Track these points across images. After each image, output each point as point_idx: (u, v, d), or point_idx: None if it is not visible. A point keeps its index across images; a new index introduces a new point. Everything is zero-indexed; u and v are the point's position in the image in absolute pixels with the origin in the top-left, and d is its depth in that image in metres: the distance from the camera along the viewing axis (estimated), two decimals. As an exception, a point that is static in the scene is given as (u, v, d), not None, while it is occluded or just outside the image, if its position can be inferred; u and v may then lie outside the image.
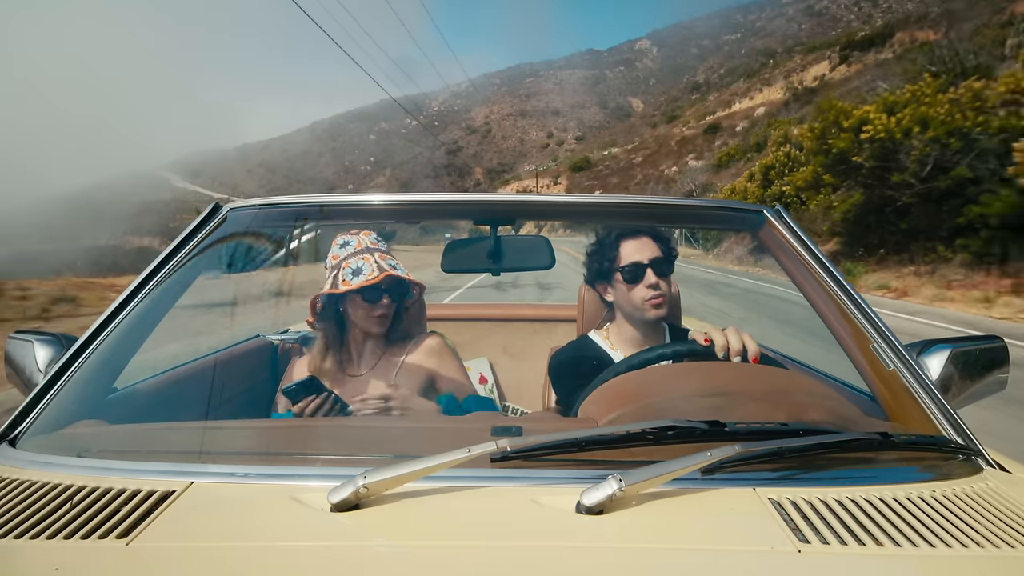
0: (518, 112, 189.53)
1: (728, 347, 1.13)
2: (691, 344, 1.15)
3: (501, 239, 1.34)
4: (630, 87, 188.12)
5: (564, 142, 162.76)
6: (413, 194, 1.33)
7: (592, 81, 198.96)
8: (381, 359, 1.46)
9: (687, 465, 0.68)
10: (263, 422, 1.22)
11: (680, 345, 1.17)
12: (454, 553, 0.58)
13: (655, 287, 1.37)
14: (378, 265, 1.35)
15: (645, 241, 1.40)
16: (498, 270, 1.36)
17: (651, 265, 1.38)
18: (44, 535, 0.61)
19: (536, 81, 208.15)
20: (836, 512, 0.66)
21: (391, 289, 1.38)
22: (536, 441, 0.71)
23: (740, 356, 1.12)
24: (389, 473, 0.65)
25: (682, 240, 25.47)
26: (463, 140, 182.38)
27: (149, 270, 1.08)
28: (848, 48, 49.45)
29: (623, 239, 1.41)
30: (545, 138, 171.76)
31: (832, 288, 1.09)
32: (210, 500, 0.68)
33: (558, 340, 1.59)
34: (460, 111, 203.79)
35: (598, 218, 1.51)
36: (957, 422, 0.89)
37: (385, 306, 1.39)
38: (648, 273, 1.37)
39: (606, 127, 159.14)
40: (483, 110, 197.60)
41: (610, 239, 1.43)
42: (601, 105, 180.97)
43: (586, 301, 1.66)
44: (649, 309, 1.38)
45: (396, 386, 1.38)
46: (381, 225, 1.47)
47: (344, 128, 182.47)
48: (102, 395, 1.05)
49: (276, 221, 1.38)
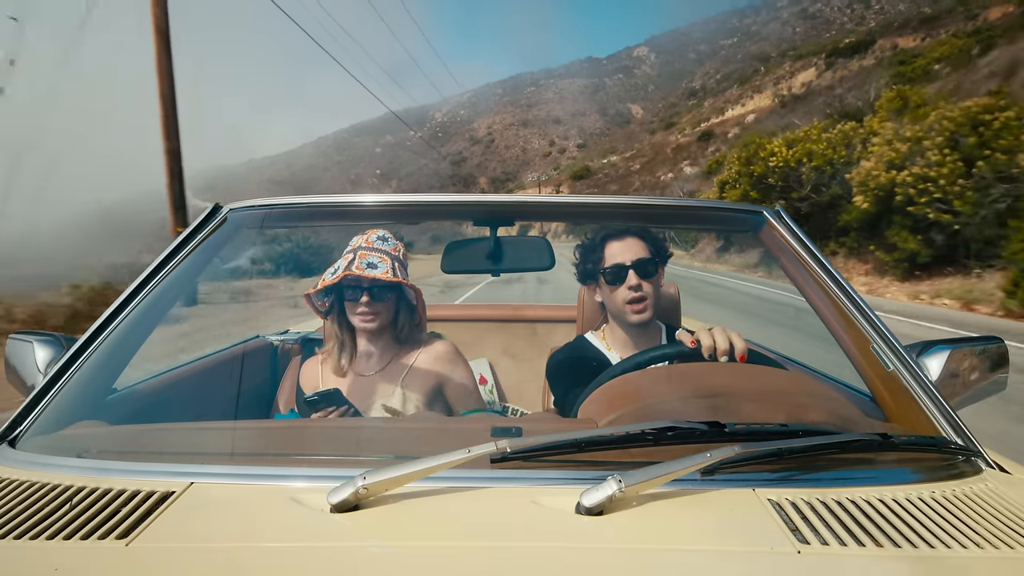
0: (520, 122, 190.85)
1: (715, 347, 1.12)
2: (678, 346, 1.14)
3: (501, 240, 1.34)
4: (629, 94, 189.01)
5: (566, 150, 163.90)
6: (412, 195, 1.33)
7: (592, 89, 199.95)
8: (391, 362, 1.46)
9: (687, 466, 0.68)
10: (263, 423, 1.22)
11: (669, 348, 1.16)
12: (454, 554, 0.58)
13: (636, 288, 1.35)
14: (352, 264, 1.36)
15: (630, 242, 1.38)
16: (498, 271, 1.36)
17: (633, 266, 1.36)
18: (44, 535, 0.61)
19: (537, 90, 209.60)
20: (835, 513, 0.66)
21: (373, 290, 1.39)
22: (536, 442, 0.71)
23: (727, 356, 1.12)
24: (389, 474, 0.65)
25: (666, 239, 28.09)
26: (467, 151, 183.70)
27: (149, 270, 1.08)
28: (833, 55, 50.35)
29: (609, 240, 1.40)
30: (547, 146, 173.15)
31: (832, 289, 1.09)
32: (210, 501, 0.68)
33: (558, 341, 1.59)
34: (463, 122, 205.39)
35: (597, 219, 1.51)
36: (957, 423, 0.89)
37: (365, 304, 1.39)
38: (630, 275, 1.35)
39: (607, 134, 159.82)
40: (485, 120, 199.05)
41: (596, 239, 1.42)
42: (601, 112, 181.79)
43: (586, 302, 1.66)
44: (630, 313, 1.36)
45: (404, 396, 1.40)
46: (381, 226, 1.47)
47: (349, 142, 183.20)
48: (102, 396, 1.05)
49: (276, 221, 1.38)
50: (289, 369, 1.63)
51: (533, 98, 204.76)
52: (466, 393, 1.46)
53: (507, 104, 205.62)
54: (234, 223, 1.22)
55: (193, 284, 1.18)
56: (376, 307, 1.40)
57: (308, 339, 1.91)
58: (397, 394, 1.40)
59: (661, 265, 1.41)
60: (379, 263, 1.38)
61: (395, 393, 1.40)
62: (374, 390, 1.41)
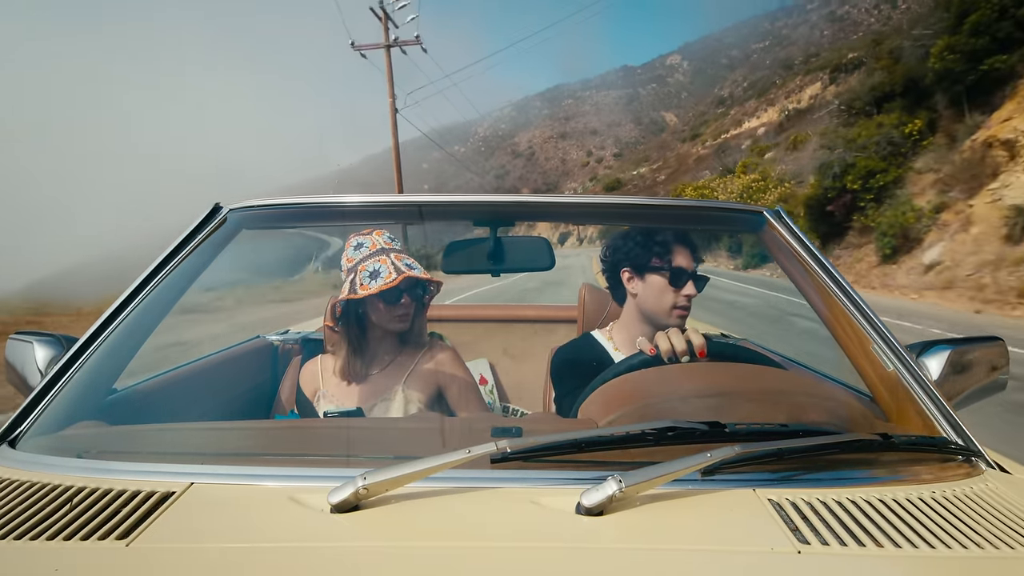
0: (559, 134, 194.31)
1: (673, 350, 1.10)
2: (640, 355, 1.13)
3: (501, 240, 1.33)
4: (663, 102, 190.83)
5: (603, 160, 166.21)
6: (413, 195, 1.33)
7: (626, 100, 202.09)
8: (392, 362, 1.45)
9: (687, 466, 0.68)
10: (263, 423, 1.22)
11: (633, 359, 1.14)
12: (454, 554, 0.58)
13: (689, 300, 1.35)
14: (395, 267, 1.34)
15: (690, 253, 1.38)
16: (498, 271, 1.36)
17: (693, 277, 1.35)
18: (44, 536, 0.61)
19: (575, 103, 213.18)
20: (836, 513, 0.66)
21: (410, 289, 1.38)
22: (536, 442, 0.71)
23: (688, 355, 1.10)
24: (389, 474, 0.65)
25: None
26: (509, 164, 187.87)
27: (149, 271, 1.08)
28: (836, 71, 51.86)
29: (678, 240, 1.38)
30: (585, 157, 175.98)
31: (832, 289, 1.09)
32: (210, 501, 0.68)
33: (558, 341, 1.59)
34: (504, 136, 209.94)
35: (597, 219, 1.51)
36: (957, 423, 0.89)
37: (405, 306, 1.39)
38: (689, 284, 1.34)
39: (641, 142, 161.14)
40: (526, 135, 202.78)
41: (667, 235, 1.38)
42: (636, 122, 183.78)
43: (586, 301, 1.66)
44: (674, 317, 1.35)
45: (406, 397, 1.39)
46: (382, 226, 1.47)
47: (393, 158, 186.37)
48: (102, 396, 1.05)
49: (276, 222, 1.38)
50: (289, 369, 1.63)
51: (571, 110, 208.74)
52: (469, 396, 1.46)
53: (546, 118, 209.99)
54: (234, 223, 1.22)
55: (193, 284, 1.18)
56: (410, 307, 1.40)
57: (308, 339, 1.91)
58: (399, 395, 1.39)
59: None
60: (411, 263, 1.38)
61: (397, 394, 1.40)
62: (375, 391, 1.41)
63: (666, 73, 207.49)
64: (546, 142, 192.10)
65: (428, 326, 1.59)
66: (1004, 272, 11.37)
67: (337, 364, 1.44)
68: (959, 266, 12.80)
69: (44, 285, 32.74)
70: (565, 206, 1.36)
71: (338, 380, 1.43)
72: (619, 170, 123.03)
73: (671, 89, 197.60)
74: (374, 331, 1.44)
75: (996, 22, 14.27)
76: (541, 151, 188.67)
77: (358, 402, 1.39)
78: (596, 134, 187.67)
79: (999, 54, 14.35)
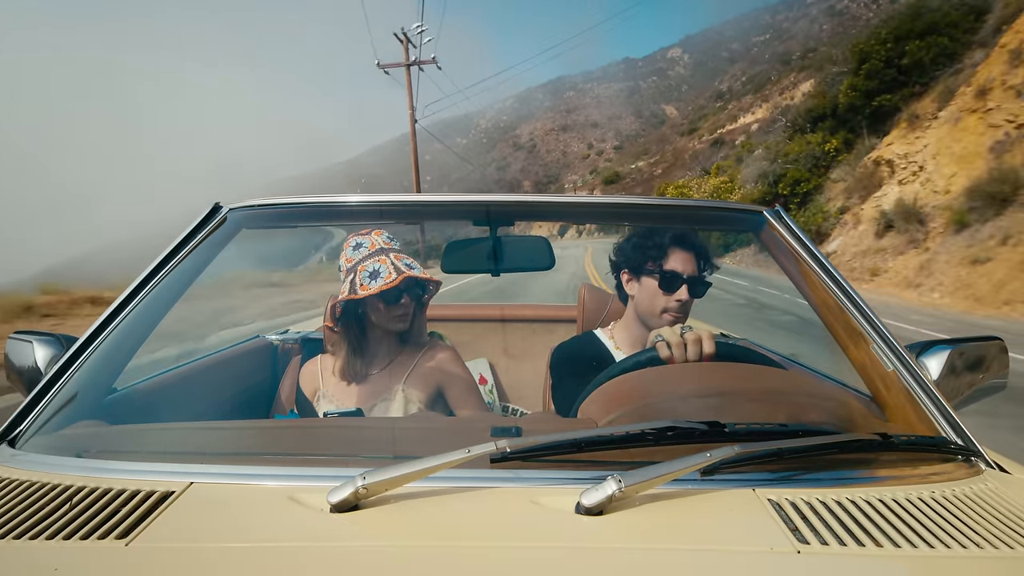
0: (560, 127, 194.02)
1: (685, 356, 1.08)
2: (648, 352, 1.11)
3: (501, 240, 1.33)
4: (663, 95, 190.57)
5: (603, 152, 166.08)
6: (413, 195, 1.33)
7: (627, 92, 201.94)
8: (392, 362, 1.45)
9: (686, 466, 0.68)
10: (263, 422, 1.22)
11: (642, 356, 1.13)
12: (453, 554, 0.58)
13: (683, 304, 1.33)
14: (395, 267, 1.34)
15: (690, 257, 1.36)
16: (498, 271, 1.36)
17: (688, 281, 1.34)
18: (44, 535, 0.61)
19: (576, 95, 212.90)
20: (835, 513, 0.66)
21: (409, 289, 1.38)
22: (535, 442, 0.71)
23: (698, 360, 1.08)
24: (388, 474, 0.65)
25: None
26: (511, 156, 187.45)
27: (149, 270, 1.08)
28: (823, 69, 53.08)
29: (675, 243, 1.36)
30: (586, 149, 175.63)
31: (832, 289, 1.09)
32: (209, 500, 0.68)
33: (558, 341, 1.59)
34: (506, 128, 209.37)
35: (597, 219, 1.51)
36: (956, 423, 0.89)
37: (405, 306, 1.39)
38: (683, 288, 1.33)
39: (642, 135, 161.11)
40: (528, 127, 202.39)
41: (665, 236, 1.37)
42: (636, 115, 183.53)
43: (586, 301, 1.66)
44: (664, 322, 1.34)
45: (406, 397, 1.39)
46: (380, 226, 1.47)
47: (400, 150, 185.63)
48: (102, 395, 1.05)
49: (276, 221, 1.38)
50: (289, 369, 1.63)
51: (572, 103, 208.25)
52: (468, 396, 1.46)
53: (547, 110, 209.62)
54: (234, 223, 1.22)
55: (193, 284, 1.18)
56: (409, 307, 1.40)
57: (308, 339, 1.91)
58: (399, 395, 1.39)
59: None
60: (410, 262, 1.38)
61: (397, 394, 1.40)
62: (375, 391, 1.41)
63: (667, 66, 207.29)
64: (547, 134, 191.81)
65: (428, 326, 1.59)
66: (867, 258, 16.70)
67: (337, 364, 1.44)
68: (844, 254, 17.89)
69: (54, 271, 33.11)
70: (565, 206, 1.36)
71: (338, 380, 1.43)
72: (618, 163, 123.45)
73: (672, 82, 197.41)
74: (374, 331, 1.43)
75: (884, 69, 19.75)
76: (542, 143, 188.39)
77: (358, 402, 1.39)
78: (597, 127, 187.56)
79: (886, 94, 20.02)
